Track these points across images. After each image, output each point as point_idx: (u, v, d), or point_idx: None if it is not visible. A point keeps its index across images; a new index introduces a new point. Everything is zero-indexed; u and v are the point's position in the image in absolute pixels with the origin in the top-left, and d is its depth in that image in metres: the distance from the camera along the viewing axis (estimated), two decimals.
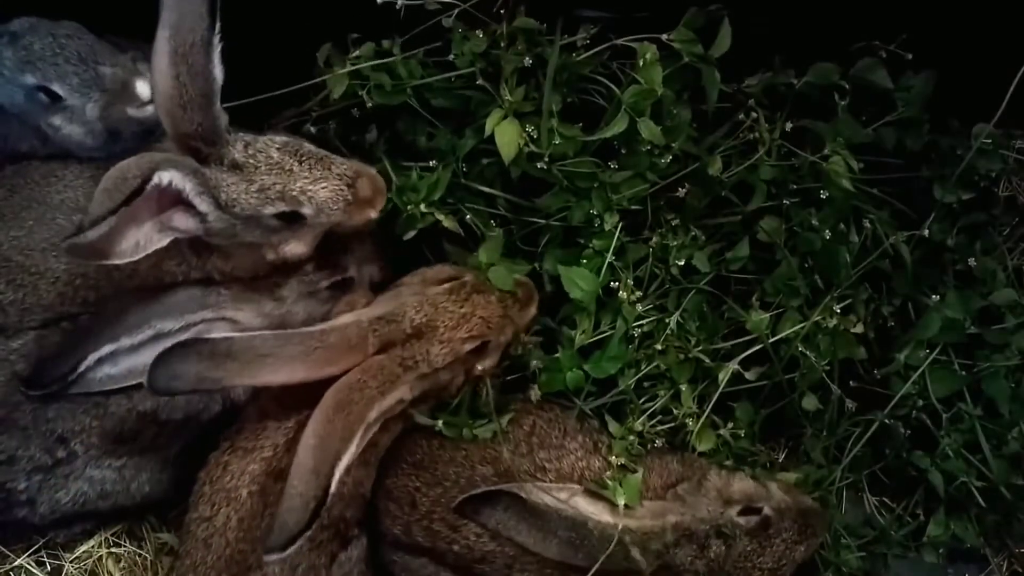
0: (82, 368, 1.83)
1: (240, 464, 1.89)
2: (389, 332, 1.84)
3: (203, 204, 1.83)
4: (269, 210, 1.88)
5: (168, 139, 1.86)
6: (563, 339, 2.05)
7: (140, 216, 1.75)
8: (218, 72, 1.82)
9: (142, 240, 1.77)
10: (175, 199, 1.79)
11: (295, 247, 1.99)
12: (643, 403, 2.03)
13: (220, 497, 1.87)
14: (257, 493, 1.86)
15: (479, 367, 1.98)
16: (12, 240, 1.98)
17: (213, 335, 1.74)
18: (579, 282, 1.99)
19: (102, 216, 1.66)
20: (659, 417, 2.06)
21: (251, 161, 1.86)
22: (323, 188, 1.90)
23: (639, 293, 2.03)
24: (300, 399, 1.84)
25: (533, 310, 2.03)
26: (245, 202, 1.86)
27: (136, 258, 1.77)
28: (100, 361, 1.84)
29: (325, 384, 1.75)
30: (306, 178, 1.88)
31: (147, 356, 1.78)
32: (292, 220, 1.92)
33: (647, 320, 2.03)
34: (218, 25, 1.80)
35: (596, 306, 2.03)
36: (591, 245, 2.02)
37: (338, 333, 1.81)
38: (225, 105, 1.87)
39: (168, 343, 1.77)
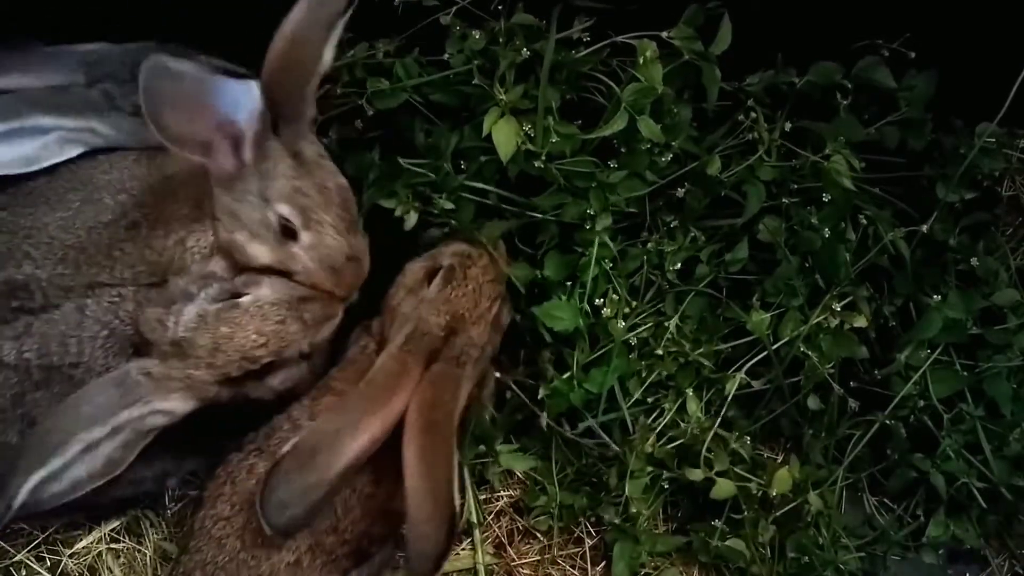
0: (18, 502, 1.74)
1: (268, 468, 1.84)
2: (425, 345, 1.85)
3: (248, 154, 1.85)
4: (284, 209, 1.88)
5: None
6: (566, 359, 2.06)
7: (198, 113, 1.78)
8: (328, 54, 1.86)
9: (186, 133, 1.80)
10: (234, 132, 1.82)
11: (261, 252, 1.93)
12: (651, 421, 2.04)
13: (243, 499, 1.85)
14: None
15: (503, 321, 2.03)
16: (59, 221, 1.99)
17: (284, 449, 1.73)
18: (558, 315, 2.01)
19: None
20: (669, 434, 2.06)
21: (313, 167, 1.89)
22: (332, 238, 1.89)
23: (634, 302, 2.04)
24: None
25: (504, 259, 2.06)
26: (278, 189, 1.87)
27: (171, 147, 1.80)
28: (39, 486, 1.76)
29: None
30: (330, 220, 1.88)
31: (84, 467, 1.77)
32: (287, 235, 1.90)
33: (644, 327, 2.03)
34: (350, 11, 1.86)
35: (590, 320, 2.03)
36: (587, 253, 2.01)
37: (381, 373, 1.82)
38: None
39: (102, 450, 1.77)
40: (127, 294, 1.96)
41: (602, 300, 2.00)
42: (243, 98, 1.79)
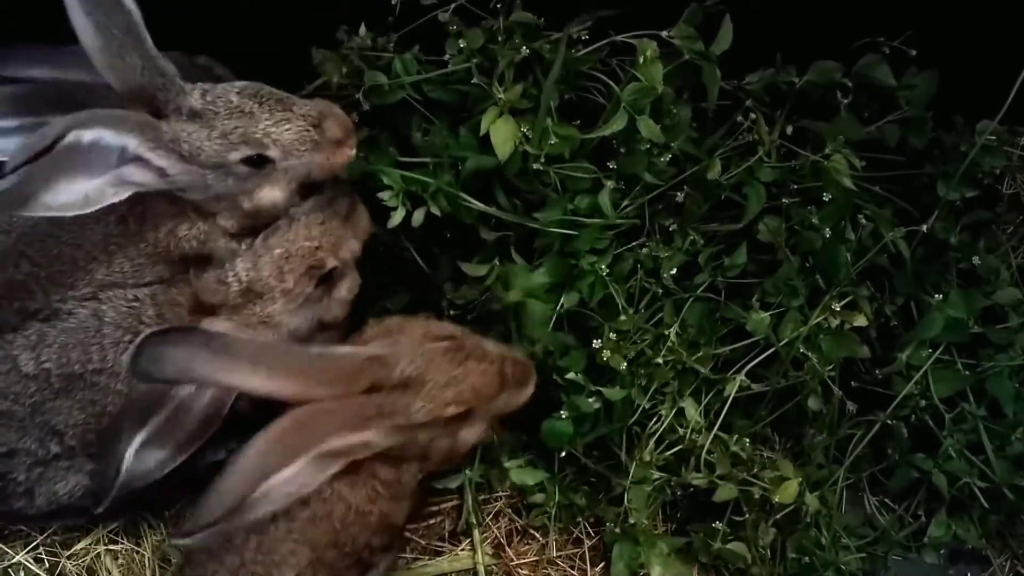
0: (126, 464, 1.78)
1: None
2: (380, 375, 1.79)
3: (158, 159, 1.81)
4: (234, 156, 1.86)
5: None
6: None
7: (86, 170, 1.74)
8: (130, 3, 1.78)
9: (92, 193, 1.76)
10: (130, 154, 1.78)
11: (269, 192, 1.95)
12: (651, 426, 2.04)
13: None
14: (283, 518, 1.81)
15: (463, 435, 1.92)
16: (51, 218, 1.95)
17: (216, 328, 1.72)
18: (572, 364, 2.04)
19: (11, 169, 1.65)
20: (668, 440, 2.06)
21: (210, 108, 1.85)
22: (287, 130, 1.88)
23: (631, 310, 2.03)
24: None
25: (528, 391, 1.95)
26: (210, 149, 1.84)
27: (89, 211, 1.76)
28: (142, 450, 1.79)
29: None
30: (268, 120, 1.87)
31: (182, 429, 1.81)
32: (260, 165, 1.90)
33: (644, 343, 2.03)
34: None
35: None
36: (581, 263, 2.02)
37: (335, 360, 1.78)
38: None
39: (196, 407, 1.80)
40: (144, 297, 1.97)
41: (599, 343, 1.99)
42: (104, 135, 1.75)
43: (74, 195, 1.74)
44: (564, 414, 2.04)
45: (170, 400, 1.79)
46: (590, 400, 2.02)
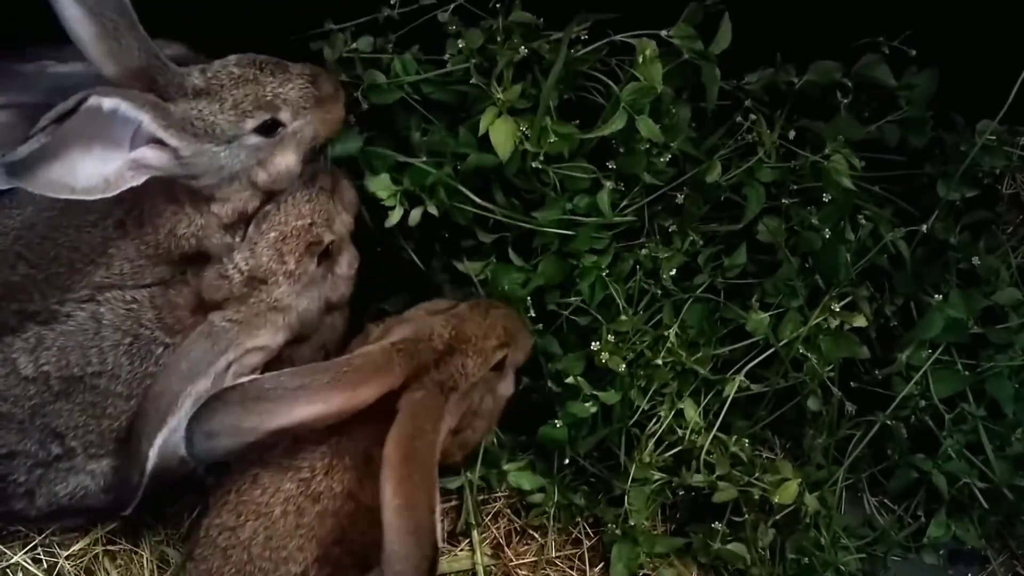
0: (150, 465, 1.82)
1: (273, 479, 1.84)
2: (418, 352, 1.81)
3: (172, 138, 1.80)
4: (249, 124, 1.87)
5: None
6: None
7: (102, 142, 1.73)
8: None
9: (111, 176, 1.75)
10: (144, 136, 1.78)
11: (282, 158, 1.96)
12: (650, 427, 2.04)
13: (248, 509, 1.83)
14: (293, 513, 1.81)
15: (501, 388, 1.99)
16: (47, 220, 1.98)
17: (240, 381, 1.73)
18: (570, 367, 2.03)
19: (36, 131, 1.64)
20: (667, 441, 2.05)
21: (214, 82, 1.86)
22: (291, 88, 1.91)
23: (631, 312, 2.03)
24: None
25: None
26: (224, 122, 1.85)
27: (109, 194, 1.75)
28: (164, 448, 1.83)
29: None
30: (272, 81, 1.89)
31: None
32: (270, 131, 1.91)
33: (643, 344, 2.03)
34: None
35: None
36: (583, 262, 2.02)
37: (363, 357, 1.79)
38: None
39: None
40: (142, 299, 1.97)
41: (597, 344, 1.99)
42: (122, 105, 1.73)
43: (94, 178, 1.74)
44: (558, 423, 2.05)
45: (186, 398, 1.82)
46: (587, 405, 2.02)
